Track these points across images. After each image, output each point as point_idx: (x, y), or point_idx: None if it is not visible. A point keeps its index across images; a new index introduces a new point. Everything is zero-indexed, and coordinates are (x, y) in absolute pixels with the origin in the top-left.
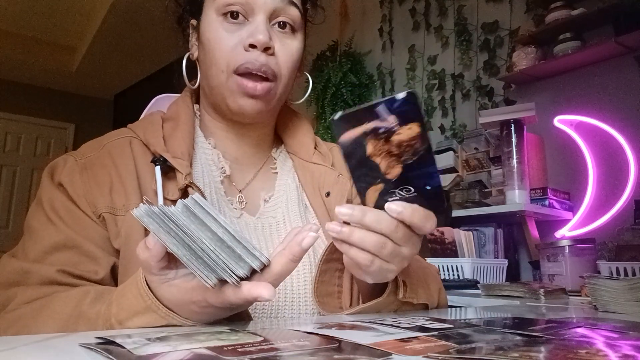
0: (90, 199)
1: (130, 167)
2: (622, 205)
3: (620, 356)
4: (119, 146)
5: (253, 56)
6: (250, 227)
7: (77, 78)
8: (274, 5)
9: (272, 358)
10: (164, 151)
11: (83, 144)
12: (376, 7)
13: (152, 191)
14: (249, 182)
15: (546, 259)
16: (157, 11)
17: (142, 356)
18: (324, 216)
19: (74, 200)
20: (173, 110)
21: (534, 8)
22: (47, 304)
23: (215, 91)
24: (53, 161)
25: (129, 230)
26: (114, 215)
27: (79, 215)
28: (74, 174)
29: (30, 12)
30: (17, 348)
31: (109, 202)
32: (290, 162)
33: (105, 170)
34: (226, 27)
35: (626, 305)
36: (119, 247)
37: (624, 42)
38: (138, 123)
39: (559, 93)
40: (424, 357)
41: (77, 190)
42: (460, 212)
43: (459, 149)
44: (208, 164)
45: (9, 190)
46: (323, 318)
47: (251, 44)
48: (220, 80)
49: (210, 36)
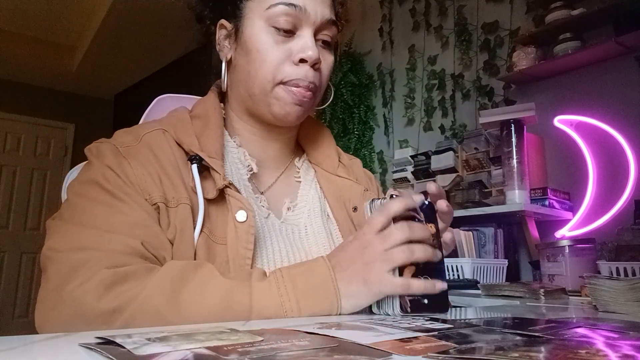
0: (144, 186)
1: (172, 161)
2: (622, 205)
3: (620, 356)
4: (157, 138)
5: (302, 72)
6: (277, 229)
7: (77, 78)
8: (321, 22)
9: (272, 358)
10: (199, 150)
11: (116, 132)
12: (376, 7)
13: (190, 188)
14: (270, 185)
15: (546, 259)
16: (158, 10)
17: (142, 356)
18: (347, 229)
19: (127, 184)
20: (201, 108)
21: (534, 8)
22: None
23: (258, 98)
24: (91, 145)
25: (182, 224)
26: (167, 207)
27: (139, 198)
28: (120, 159)
29: (30, 12)
30: (17, 348)
31: (162, 192)
32: (312, 172)
33: (149, 161)
34: (276, 39)
35: (626, 305)
36: (171, 238)
37: (624, 42)
38: (165, 120)
39: (559, 93)
40: (424, 357)
41: (129, 176)
42: (460, 212)
43: (459, 149)
44: (235, 163)
45: (9, 190)
46: (323, 318)
47: (302, 59)
48: (265, 89)
49: (260, 46)
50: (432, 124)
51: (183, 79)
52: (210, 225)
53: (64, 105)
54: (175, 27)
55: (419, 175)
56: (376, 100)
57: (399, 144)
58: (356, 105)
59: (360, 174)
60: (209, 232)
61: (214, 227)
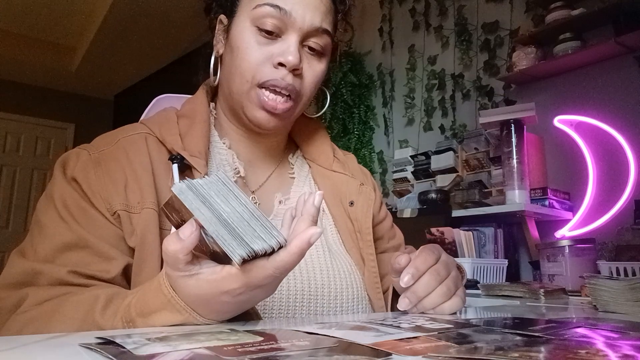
0: (105, 195)
1: (145, 164)
2: (622, 205)
3: (620, 356)
4: (134, 141)
5: (280, 74)
6: None
7: (77, 78)
8: (308, 29)
9: (272, 358)
10: (181, 149)
11: (97, 137)
12: (376, 7)
13: (167, 189)
14: (262, 183)
15: (546, 259)
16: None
17: (142, 356)
18: (344, 224)
19: (87, 197)
20: (188, 107)
21: (534, 8)
22: (58, 308)
23: (235, 97)
24: (65, 154)
25: (144, 230)
26: (129, 213)
27: (92, 213)
28: (88, 168)
29: (30, 12)
30: (17, 348)
31: (124, 199)
32: (307, 168)
33: (119, 166)
34: (258, 39)
35: (626, 305)
36: (134, 245)
37: (624, 42)
38: (152, 119)
39: (559, 93)
40: (424, 357)
41: (91, 186)
42: (460, 212)
43: (459, 149)
44: (222, 164)
45: (9, 190)
46: (323, 318)
47: (280, 62)
48: (243, 89)
49: (241, 45)
50: (432, 124)
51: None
52: None
53: (64, 105)
54: (175, 27)
55: (419, 175)
56: (376, 100)
57: (399, 144)
58: (356, 105)
59: (356, 169)
60: None
61: None
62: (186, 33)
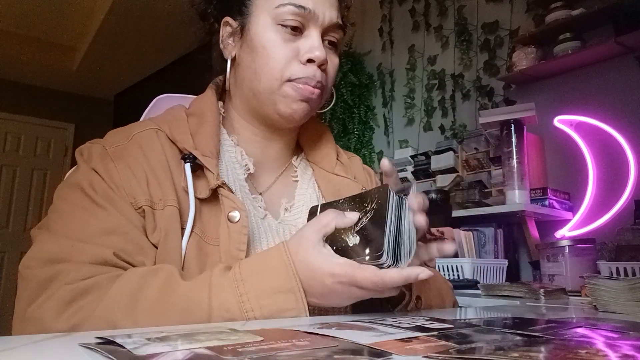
0: (129, 190)
1: (162, 161)
2: (622, 205)
3: (620, 356)
4: (148, 138)
5: (310, 71)
6: (273, 229)
7: (77, 78)
8: (328, 24)
9: (272, 358)
10: (193, 148)
11: (109, 131)
12: (376, 7)
13: (181, 188)
14: (269, 186)
15: (546, 259)
16: (158, 10)
17: (142, 356)
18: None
19: (111, 189)
20: (197, 106)
21: (534, 8)
22: (143, 280)
23: (263, 96)
24: (80, 147)
25: (167, 227)
26: (153, 210)
27: (122, 203)
28: (107, 161)
29: (30, 12)
30: (17, 348)
31: (148, 195)
32: (310, 171)
33: (137, 162)
34: (284, 37)
35: (626, 305)
36: (156, 242)
37: (624, 42)
38: (161, 117)
39: (559, 93)
40: (424, 357)
41: (114, 180)
42: (460, 212)
43: (459, 149)
44: (232, 162)
45: (9, 190)
46: (323, 318)
47: (310, 59)
48: (273, 86)
49: (266, 43)
50: (432, 124)
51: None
52: (202, 225)
53: (64, 105)
54: (176, 27)
55: (419, 175)
56: (376, 101)
57: (399, 144)
58: (356, 105)
59: (359, 172)
60: (200, 233)
61: (206, 228)
62: (186, 33)
